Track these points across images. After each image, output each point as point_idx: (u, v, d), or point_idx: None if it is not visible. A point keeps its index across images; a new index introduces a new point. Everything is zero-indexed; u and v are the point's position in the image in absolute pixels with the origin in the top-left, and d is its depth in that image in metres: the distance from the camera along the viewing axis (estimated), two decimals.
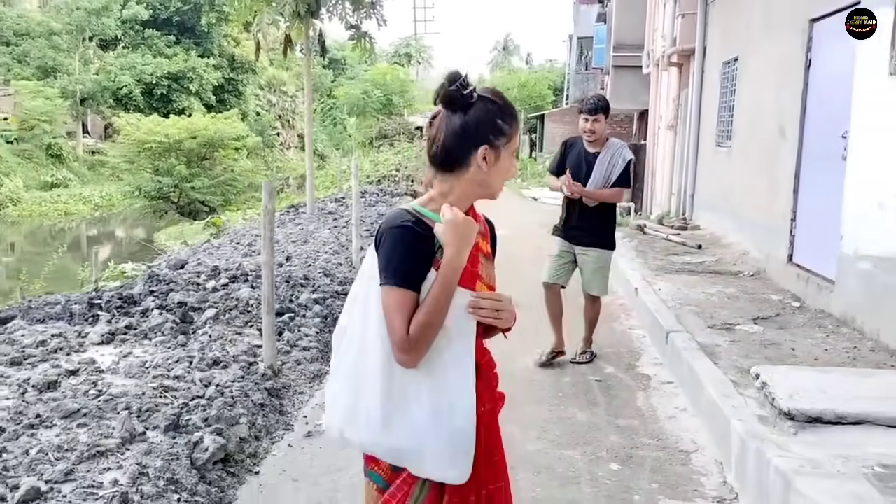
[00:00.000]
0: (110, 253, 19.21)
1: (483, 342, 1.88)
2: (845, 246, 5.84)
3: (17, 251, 21.98)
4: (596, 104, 5.15)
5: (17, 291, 10.41)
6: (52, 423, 3.61)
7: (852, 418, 3.51)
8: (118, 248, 20.98)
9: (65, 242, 15.73)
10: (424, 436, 1.71)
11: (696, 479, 3.74)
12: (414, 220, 1.74)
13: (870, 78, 5.59)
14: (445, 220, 1.72)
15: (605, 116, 5.15)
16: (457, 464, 1.74)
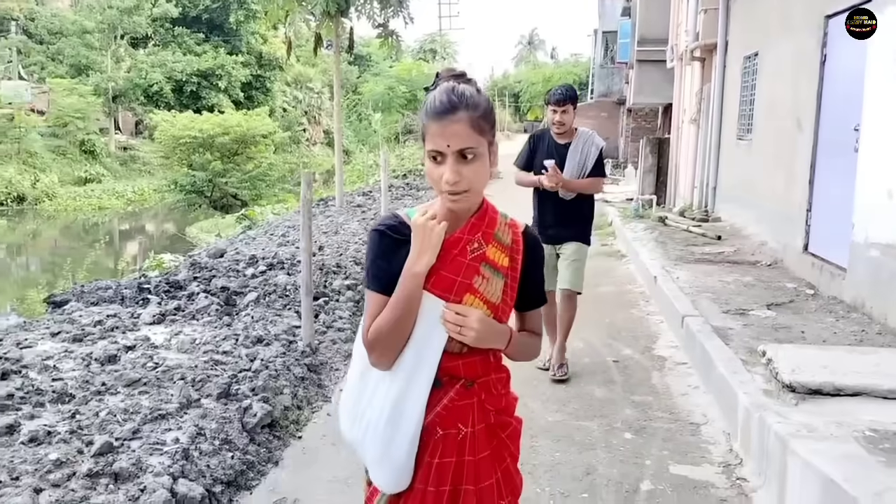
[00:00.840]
0: (146, 245, 19.79)
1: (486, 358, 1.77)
2: (856, 234, 6.07)
3: (56, 245, 22.67)
4: (564, 94, 4.91)
5: (61, 280, 10.90)
6: (116, 390, 3.99)
7: (850, 390, 3.79)
8: (153, 241, 21.57)
9: (103, 236, 16.23)
10: (372, 437, 1.73)
11: (705, 448, 4.04)
12: (390, 224, 1.74)
13: (880, 73, 5.81)
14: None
15: (573, 107, 4.94)
16: (384, 471, 1.73)
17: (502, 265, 1.76)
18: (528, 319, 1.91)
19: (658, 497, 3.48)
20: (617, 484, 3.59)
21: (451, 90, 1.67)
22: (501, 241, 1.77)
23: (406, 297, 1.66)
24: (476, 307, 1.70)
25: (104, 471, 3.10)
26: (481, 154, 1.66)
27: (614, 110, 33.95)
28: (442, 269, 1.70)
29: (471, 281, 1.71)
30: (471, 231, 1.74)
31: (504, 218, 1.82)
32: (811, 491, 3.04)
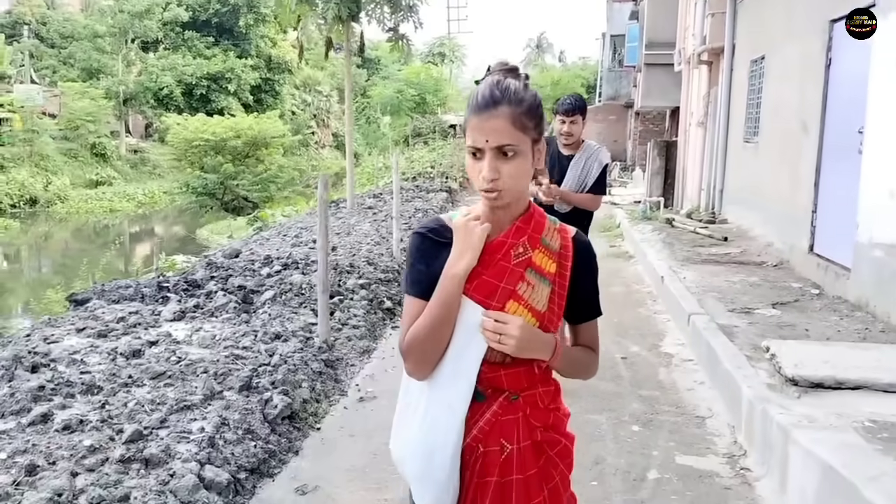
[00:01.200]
0: (158, 247, 20.02)
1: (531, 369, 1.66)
2: (860, 235, 6.19)
3: (68, 247, 22.92)
4: (573, 104, 4.71)
5: (78, 281, 11.08)
6: (142, 382, 4.16)
7: (851, 384, 3.92)
8: (164, 243, 21.80)
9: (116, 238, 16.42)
10: (412, 454, 1.66)
11: (710, 440, 4.17)
12: (431, 227, 1.69)
13: (884, 76, 5.93)
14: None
15: (582, 117, 4.73)
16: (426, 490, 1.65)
17: (549, 271, 1.65)
18: (581, 332, 1.77)
19: (664, 485, 3.62)
20: (624, 473, 3.73)
21: (496, 84, 1.59)
22: (549, 247, 1.67)
23: (444, 301, 1.59)
24: (520, 315, 1.60)
25: (135, 457, 3.26)
26: (522, 152, 1.57)
27: (622, 113, 34.07)
28: (484, 273, 1.61)
29: (514, 287, 1.61)
30: (515, 235, 1.64)
31: (553, 223, 1.72)
32: (811, 477, 3.17)
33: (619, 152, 33.52)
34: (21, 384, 4.00)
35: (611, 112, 34.85)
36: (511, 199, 1.61)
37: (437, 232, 1.67)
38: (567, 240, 1.70)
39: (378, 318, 6.25)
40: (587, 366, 1.77)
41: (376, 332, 6.05)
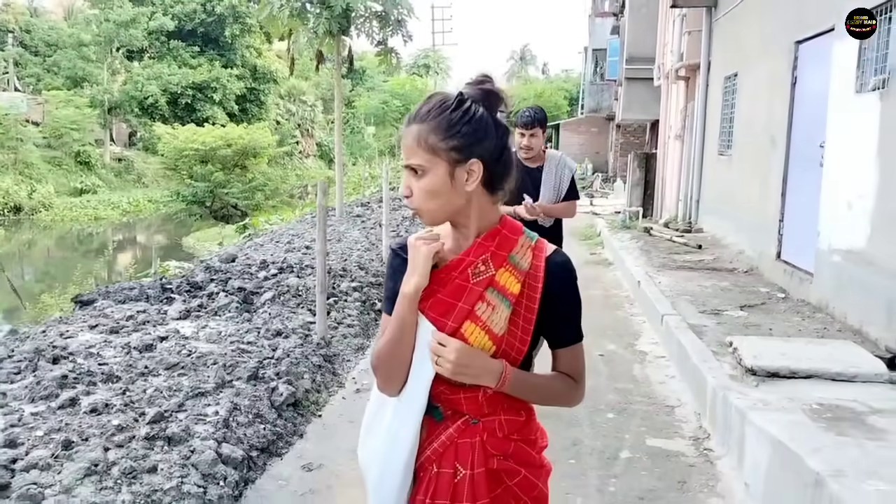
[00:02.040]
0: (146, 254, 20.27)
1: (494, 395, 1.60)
2: (821, 242, 6.64)
3: (57, 254, 23.07)
4: (532, 117, 4.57)
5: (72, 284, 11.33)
6: (157, 372, 4.50)
7: (803, 373, 4.35)
8: (150, 251, 22.03)
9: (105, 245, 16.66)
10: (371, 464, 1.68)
11: (677, 425, 4.58)
12: (402, 244, 1.68)
13: (840, 95, 6.41)
14: None
15: (542, 130, 4.63)
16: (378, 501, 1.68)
17: (511, 292, 1.57)
18: (558, 358, 1.68)
19: (635, 464, 4.01)
20: (599, 453, 4.13)
21: (427, 99, 1.59)
22: (517, 265, 1.59)
23: (398, 319, 1.58)
24: (476, 336, 1.55)
25: (159, 435, 3.61)
26: (431, 171, 1.53)
27: (604, 126, 34.71)
28: (440, 291, 1.58)
29: (472, 307, 1.56)
30: (476, 252, 1.59)
31: (529, 239, 1.64)
32: (763, 452, 3.58)
33: (600, 164, 34.14)
34: (45, 374, 4.33)
35: (593, 124, 35.50)
36: (432, 219, 1.59)
37: (404, 249, 1.64)
38: (540, 259, 1.61)
39: (371, 318, 6.63)
40: (559, 394, 1.67)
41: (369, 331, 6.42)
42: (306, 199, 27.89)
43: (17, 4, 47.01)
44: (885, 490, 2.91)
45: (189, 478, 3.31)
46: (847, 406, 3.88)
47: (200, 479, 3.35)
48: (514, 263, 1.59)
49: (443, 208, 1.57)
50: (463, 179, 1.54)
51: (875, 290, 5.49)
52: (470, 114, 1.54)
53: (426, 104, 1.56)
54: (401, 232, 12.02)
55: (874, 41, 5.81)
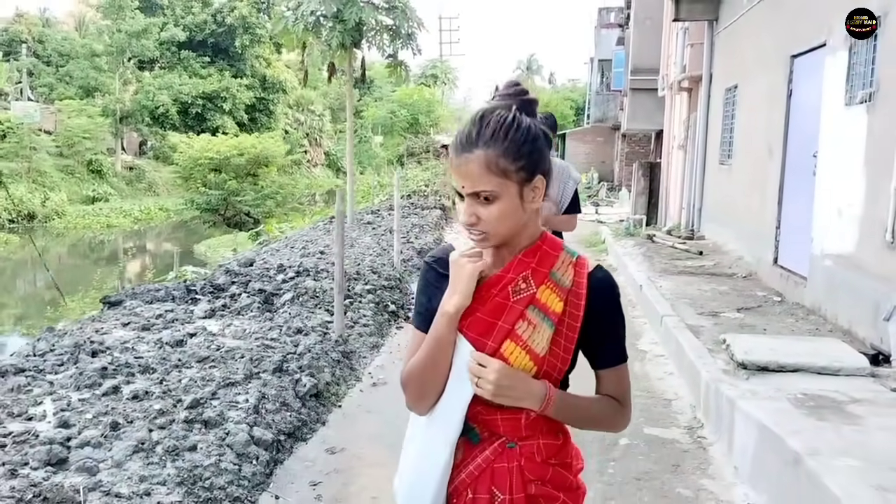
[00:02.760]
0: (159, 261, 20.68)
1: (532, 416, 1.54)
2: (814, 247, 6.96)
3: (71, 260, 23.51)
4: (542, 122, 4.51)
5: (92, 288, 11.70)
6: (190, 365, 4.85)
7: (790, 367, 4.67)
8: (165, 256, 22.45)
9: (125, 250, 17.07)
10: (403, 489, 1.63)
11: (673, 416, 4.90)
12: (438, 257, 1.64)
13: (832, 107, 6.74)
14: None
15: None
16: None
17: (554, 310, 1.52)
18: (602, 380, 1.62)
19: (633, 449, 4.34)
20: (600, 440, 4.44)
21: (480, 119, 1.50)
22: (559, 283, 1.54)
23: (436, 338, 1.53)
24: (517, 357, 1.50)
25: (196, 419, 3.95)
26: (503, 196, 1.48)
27: (610, 135, 35.05)
28: (479, 310, 1.53)
29: (512, 326, 1.51)
30: (516, 269, 1.54)
31: (570, 255, 1.59)
32: (750, 435, 3.90)
33: (606, 173, 34.48)
34: (86, 366, 4.69)
35: (599, 134, 35.85)
36: (499, 241, 1.53)
37: (441, 263, 1.60)
38: (581, 275, 1.55)
39: (384, 319, 6.97)
40: (603, 418, 1.63)
41: (383, 330, 6.76)
42: (314, 208, 28.35)
43: (30, 15, 47.76)
44: (855, 466, 3.23)
45: (225, 456, 3.65)
46: (829, 396, 4.20)
47: (235, 458, 3.69)
48: (555, 280, 1.53)
49: (512, 230, 1.52)
50: (530, 198, 1.51)
51: (863, 292, 5.80)
52: (531, 130, 1.50)
53: (485, 126, 1.47)
54: (411, 238, 12.37)
55: (862, 56, 6.15)
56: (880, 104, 5.74)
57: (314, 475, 3.93)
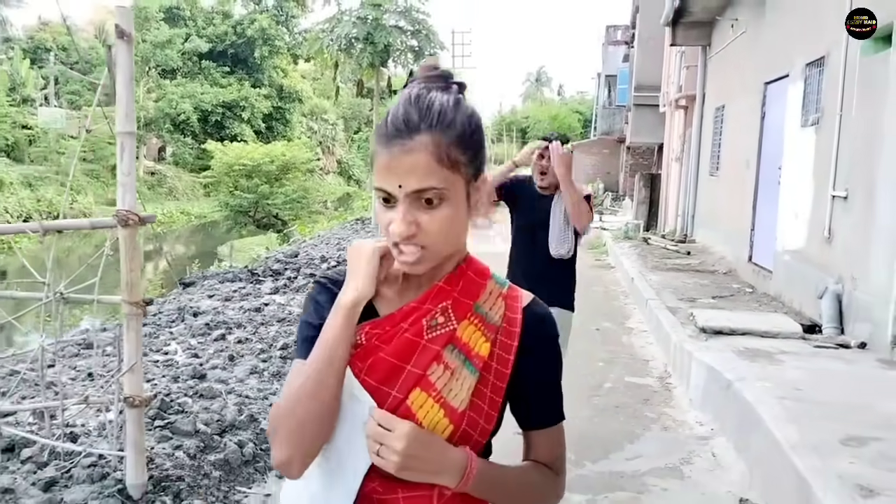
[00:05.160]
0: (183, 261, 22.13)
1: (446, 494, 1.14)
2: (778, 245, 8.28)
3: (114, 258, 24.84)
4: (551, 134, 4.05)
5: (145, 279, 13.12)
6: (272, 323, 6.21)
7: (740, 331, 5.99)
8: (191, 257, 23.93)
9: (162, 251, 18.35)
10: None
11: (649, 370, 6.23)
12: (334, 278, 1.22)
13: (791, 127, 8.07)
14: None
15: None
16: None
17: (479, 353, 1.15)
18: (532, 444, 1.24)
19: (614, 390, 5.67)
20: (589, 385, 5.77)
21: (417, 99, 1.10)
22: (485, 318, 1.18)
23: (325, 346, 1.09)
24: (427, 412, 1.10)
25: (288, 356, 5.30)
26: (451, 198, 1.09)
27: (615, 148, 36.41)
28: (382, 349, 1.13)
29: (424, 371, 1.12)
30: (435, 299, 1.16)
31: (499, 285, 1.23)
32: (701, 375, 5.23)
33: (611, 183, 35.81)
34: (193, 322, 6.05)
35: (605, 146, 37.21)
36: (436, 261, 1.13)
37: (338, 284, 1.18)
38: (514, 310, 1.20)
39: None
40: (534, 492, 1.21)
41: None
42: (333, 213, 29.76)
43: (54, 23, 49.55)
44: (768, 386, 4.55)
45: None
46: (764, 349, 5.52)
47: None
48: (481, 315, 1.18)
49: (453, 246, 1.16)
50: (475, 202, 1.15)
51: (808, 279, 7.11)
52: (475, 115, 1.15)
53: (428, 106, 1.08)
54: None
55: (813, 86, 7.49)
56: (824, 126, 7.07)
57: None
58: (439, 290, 1.17)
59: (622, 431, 4.84)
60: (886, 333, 5.35)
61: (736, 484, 4.02)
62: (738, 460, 4.28)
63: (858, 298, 5.93)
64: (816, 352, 5.51)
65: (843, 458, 3.48)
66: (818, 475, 3.26)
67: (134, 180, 3.07)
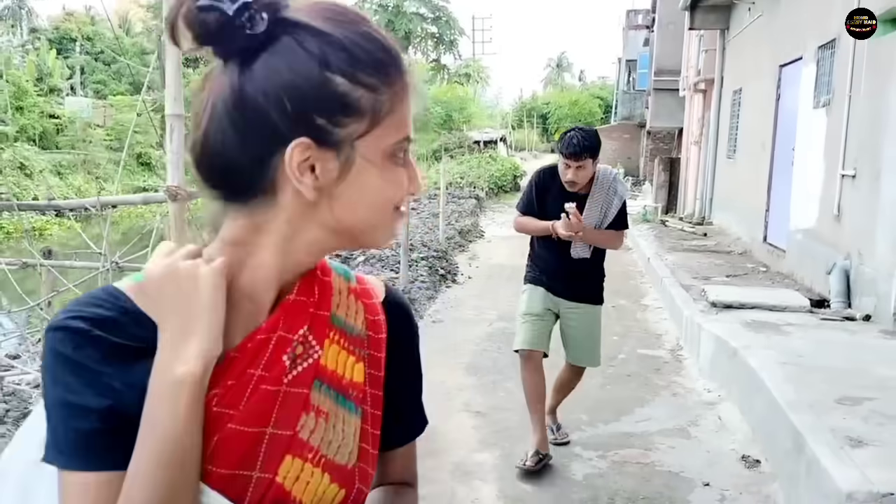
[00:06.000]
0: None
1: None
2: (791, 224, 8.47)
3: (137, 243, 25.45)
4: (581, 145, 3.68)
5: None
6: None
7: (749, 305, 6.23)
8: None
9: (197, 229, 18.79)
10: None
11: (662, 343, 6.49)
12: (99, 315, 0.72)
13: (804, 109, 8.24)
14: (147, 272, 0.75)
15: (592, 160, 3.74)
16: None
17: (353, 381, 0.83)
18: (393, 462, 0.93)
19: (627, 361, 5.94)
20: (603, 357, 5.98)
21: None
22: (347, 331, 0.84)
23: (171, 443, 0.70)
24: (304, 484, 0.78)
25: None
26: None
27: (636, 132, 36.40)
28: (229, 415, 0.75)
29: (293, 429, 0.77)
30: (288, 320, 0.79)
31: (343, 278, 0.89)
32: (709, 345, 5.48)
33: (632, 168, 35.83)
34: None
35: (625, 131, 37.21)
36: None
37: (112, 324, 0.72)
38: (375, 309, 0.89)
39: (437, 279, 8.62)
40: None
41: (436, 287, 8.41)
42: None
43: (78, 14, 50.29)
44: (772, 354, 4.80)
45: None
46: (771, 322, 5.76)
47: None
48: (340, 328, 0.84)
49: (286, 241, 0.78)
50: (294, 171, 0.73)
51: (818, 256, 7.31)
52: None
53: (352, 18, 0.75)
54: (451, 221, 13.95)
55: (825, 68, 7.66)
56: (834, 107, 7.25)
57: None
58: (293, 305, 0.79)
59: (633, 397, 5.12)
60: (889, 306, 5.57)
61: (739, 443, 4.29)
62: (742, 422, 4.54)
63: (864, 273, 6.14)
64: (822, 324, 5.74)
65: (837, 415, 3.73)
66: (812, 430, 3.51)
67: (181, 159, 3.36)
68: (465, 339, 6.40)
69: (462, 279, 9.34)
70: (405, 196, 0.80)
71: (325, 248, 0.80)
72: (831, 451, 3.26)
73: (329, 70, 0.72)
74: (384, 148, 0.76)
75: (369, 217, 0.78)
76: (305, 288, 0.81)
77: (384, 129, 0.75)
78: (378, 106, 0.74)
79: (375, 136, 0.75)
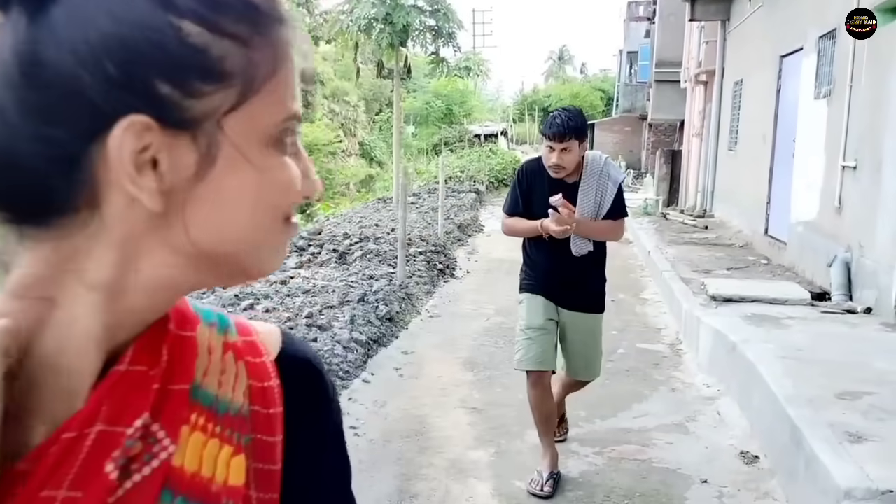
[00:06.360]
0: None
1: None
2: (792, 217, 8.40)
3: None
4: (565, 125, 3.43)
5: None
6: (297, 295, 6.50)
7: (749, 299, 6.17)
8: None
9: None
10: None
11: (661, 338, 6.43)
12: None
13: (805, 100, 8.17)
14: None
15: (578, 142, 3.46)
16: None
17: (226, 485, 0.52)
18: None
19: (627, 355, 5.89)
20: (603, 351, 5.98)
21: None
22: (219, 410, 0.53)
23: None
24: None
25: (313, 324, 5.58)
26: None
27: (637, 125, 36.27)
28: None
29: None
30: (114, 406, 0.47)
31: (217, 329, 0.57)
32: (708, 339, 5.43)
33: (634, 161, 35.73)
34: (222, 294, 6.35)
35: (627, 124, 37.11)
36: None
37: None
38: (263, 371, 0.58)
39: (434, 274, 8.57)
40: None
41: (434, 282, 8.36)
42: (350, 195, 30.05)
43: None
44: (770, 347, 4.74)
45: (336, 348, 5.27)
46: (771, 315, 5.70)
47: (342, 350, 5.31)
48: (208, 407, 0.53)
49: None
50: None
51: (819, 248, 7.25)
52: None
53: None
54: (451, 216, 13.89)
55: (826, 59, 7.58)
56: (835, 98, 7.17)
57: (395, 364, 5.54)
58: (124, 382, 0.49)
59: (631, 392, 5.07)
60: (890, 298, 5.51)
61: (738, 438, 4.24)
62: (741, 418, 4.49)
63: (865, 265, 6.08)
64: (822, 317, 5.69)
65: (836, 409, 3.68)
66: (811, 425, 3.46)
67: None
68: (462, 334, 6.35)
69: (460, 274, 9.29)
70: (297, 200, 0.53)
71: (180, 287, 0.51)
72: (830, 447, 3.21)
73: (175, 13, 0.46)
74: (263, 130, 0.50)
75: (244, 234, 0.50)
76: (145, 351, 0.50)
77: (262, 102, 0.49)
78: (252, 68, 0.48)
79: (249, 114, 0.48)
